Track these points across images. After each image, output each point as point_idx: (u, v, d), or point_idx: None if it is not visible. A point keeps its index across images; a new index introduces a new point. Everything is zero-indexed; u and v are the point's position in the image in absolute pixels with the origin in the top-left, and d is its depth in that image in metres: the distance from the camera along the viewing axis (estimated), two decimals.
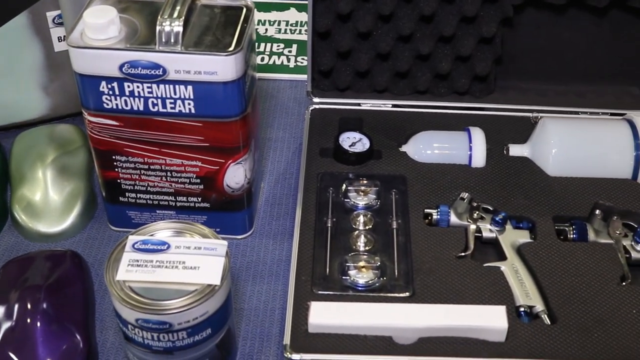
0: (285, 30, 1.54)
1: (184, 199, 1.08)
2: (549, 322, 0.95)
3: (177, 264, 0.85)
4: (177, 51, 0.93)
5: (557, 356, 0.91)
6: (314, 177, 1.11)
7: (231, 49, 0.94)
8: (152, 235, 0.88)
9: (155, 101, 0.97)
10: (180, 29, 0.94)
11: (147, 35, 0.96)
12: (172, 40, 0.94)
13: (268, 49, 1.49)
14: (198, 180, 1.05)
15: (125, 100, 0.97)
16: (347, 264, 0.99)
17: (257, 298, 1.06)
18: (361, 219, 1.05)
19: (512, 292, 0.97)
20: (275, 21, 1.56)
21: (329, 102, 1.23)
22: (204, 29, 0.98)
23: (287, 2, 1.59)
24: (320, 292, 0.97)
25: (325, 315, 0.92)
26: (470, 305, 0.94)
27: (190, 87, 0.95)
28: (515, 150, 1.17)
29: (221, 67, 0.94)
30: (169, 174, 1.04)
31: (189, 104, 0.97)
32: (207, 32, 0.97)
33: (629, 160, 1.13)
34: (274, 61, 1.46)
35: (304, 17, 1.54)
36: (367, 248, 1.02)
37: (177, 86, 0.95)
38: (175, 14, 0.95)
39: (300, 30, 1.53)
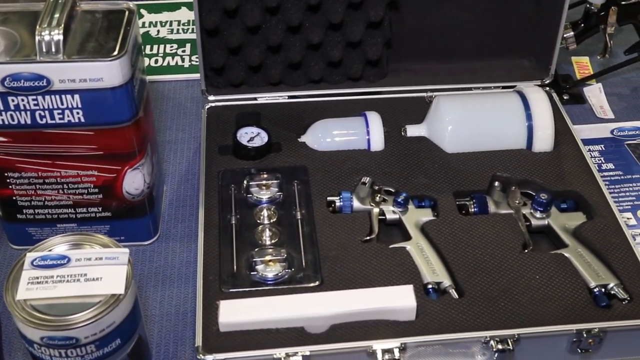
0: (178, 30, 1.52)
1: (84, 210, 1.06)
2: (456, 296, 0.96)
3: (78, 276, 0.83)
4: (59, 60, 0.92)
5: (467, 328, 0.92)
6: (214, 175, 1.10)
7: (115, 53, 0.93)
8: (50, 250, 0.87)
9: (42, 113, 0.95)
10: (61, 37, 0.92)
11: (28, 46, 0.94)
12: (53, 50, 0.92)
13: (161, 50, 1.47)
14: (96, 190, 1.03)
15: (12, 115, 0.95)
16: (254, 259, 0.98)
17: (167, 303, 1.05)
18: (265, 212, 1.05)
19: (419, 271, 0.99)
20: (166, 22, 1.54)
21: (225, 99, 1.22)
22: (86, 36, 0.96)
23: (177, 2, 1.58)
24: (229, 290, 0.96)
25: (235, 313, 0.91)
26: (379, 287, 0.95)
27: (77, 96, 0.94)
28: (413, 130, 1.18)
29: (107, 72, 0.92)
30: (65, 186, 1.02)
31: (78, 113, 0.95)
32: (89, 38, 0.96)
33: (522, 130, 1.16)
34: (168, 62, 1.44)
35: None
36: (273, 241, 1.01)
37: (63, 96, 0.93)
38: (54, 23, 0.93)
39: (192, 29, 1.51)
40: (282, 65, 1.22)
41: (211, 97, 1.22)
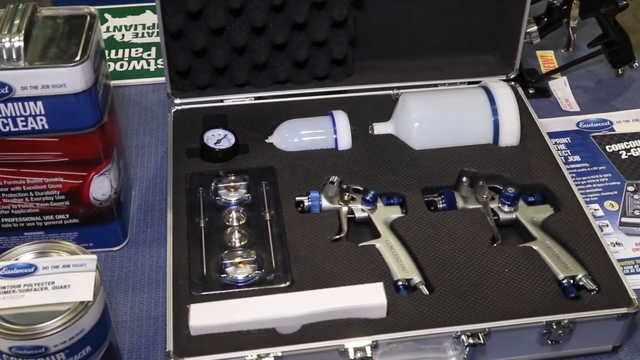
0: (143, 33, 1.51)
1: (51, 217, 1.05)
2: (427, 292, 0.97)
3: (46, 285, 0.83)
4: (20, 67, 0.91)
5: (437, 324, 0.93)
6: (182, 179, 1.10)
7: (77, 59, 0.92)
8: (16, 259, 0.86)
9: (5, 121, 0.94)
10: (21, 43, 0.91)
11: None
12: (14, 57, 0.91)
13: (127, 54, 1.46)
14: (63, 197, 1.02)
15: None
16: (224, 262, 0.98)
17: (138, 308, 1.04)
18: (234, 214, 1.05)
19: (389, 268, 0.99)
20: (131, 26, 1.53)
21: (191, 102, 1.22)
22: (47, 42, 0.95)
23: (141, 6, 1.57)
24: (199, 293, 0.96)
25: (206, 316, 0.91)
26: (349, 286, 0.95)
27: (40, 103, 0.93)
28: (380, 128, 1.18)
29: (69, 78, 0.92)
30: (31, 194, 1.01)
31: (42, 119, 0.94)
32: (51, 44, 0.95)
33: (488, 125, 1.16)
34: (134, 66, 1.43)
35: None
36: (242, 243, 1.01)
37: (26, 103, 0.93)
38: (15, 29, 0.92)
39: (157, 32, 1.50)
40: (248, 67, 1.22)
41: (177, 101, 1.21)
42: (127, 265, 1.09)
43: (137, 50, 1.47)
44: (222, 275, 0.98)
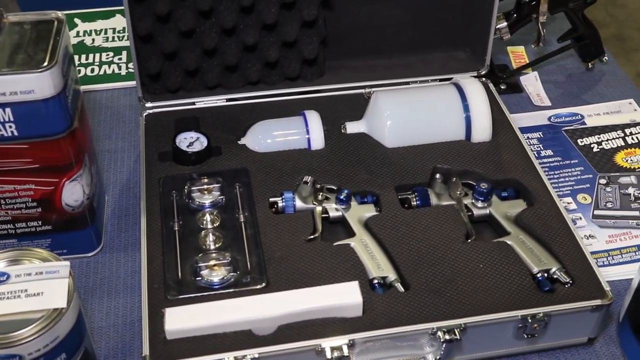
0: (113, 37, 1.51)
1: (24, 224, 1.04)
2: (402, 290, 0.97)
3: (19, 293, 0.82)
4: None
5: (413, 321, 0.93)
6: (155, 182, 1.09)
7: (45, 64, 0.91)
8: None
9: None
10: None
11: None
12: None
13: (97, 59, 1.45)
14: (35, 204, 1.02)
15: None
16: (199, 265, 0.98)
17: (114, 313, 1.04)
18: (207, 217, 1.04)
19: (364, 266, 0.99)
20: (101, 30, 1.52)
21: (163, 105, 1.21)
22: (14, 48, 0.94)
23: (111, 10, 1.56)
24: (175, 297, 0.95)
25: (181, 319, 0.91)
26: (325, 285, 0.95)
27: (8, 110, 0.92)
28: (352, 127, 1.18)
29: (37, 84, 0.91)
30: (2, 201, 1.01)
31: (10, 126, 0.93)
32: (18, 50, 0.94)
33: (460, 122, 1.17)
34: (105, 71, 1.43)
35: None
36: (217, 246, 1.01)
37: None
38: None
39: (127, 36, 1.49)
40: (219, 69, 1.21)
41: (148, 104, 1.21)
42: (102, 270, 1.09)
43: (107, 55, 1.46)
44: (197, 279, 0.97)
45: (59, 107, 0.94)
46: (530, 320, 0.94)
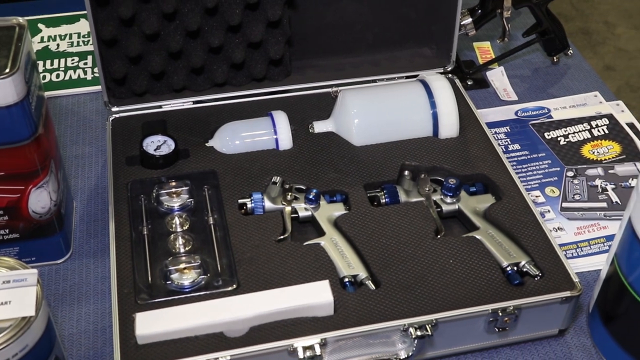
0: (78, 42, 1.49)
1: None
2: (373, 287, 0.97)
3: None
4: None
5: (385, 318, 0.93)
6: (123, 187, 1.09)
7: (7, 71, 0.90)
8: None
9: None
10: None
11: None
12: None
13: (62, 64, 1.44)
14: (1, 212, 1.01)
15: None
16: (169, 269, 0.97)
17: (85, 320, 1.03)
18: (177, 220, 1.04)
19: (335, 265, 0.99)
20: (66, 35, 1.51)
21: (129, 109, 1.21)
22: None
23: (75, 14, 1.55)
24: (145, 302, 0.95)
25: (152, 324, 0.90)
26: (295, 285, 0.95)
27: None
28: (320, 126, 1.18)
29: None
30: None
31: None
32: None
33: (427, 118, 1.17)
34: (70, 76, 1.41)
35: None
36: (186, 249, 1.01)
37: None
38: None
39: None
40: (185, 71, 1.21)
41: (115, 108, 1.20)
42: (71, 277, 1.08)
43: (73, 60, 1.45)
44: (168, 282, 0.97)
45: (22, 114, 0.93)
46: (500, 314, 0.94)
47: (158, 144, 1.12)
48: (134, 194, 1.08)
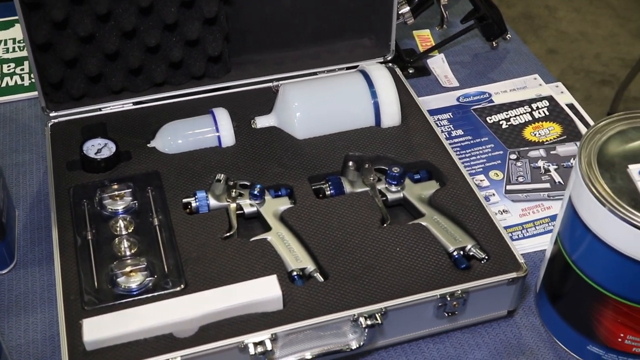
0: (14, 48, 1.47)
1: None
2: (322, 279, 0.97)
3: None
4: None
5: (334, 309, 0.93)
6: (65, 192, 1.07)
7: None
8: None
9: None
10: None
11: None
12: None
13: None
14: None
15: None
16: (115, 272, 0.96)
17: (32, 330, 1.01)
18: (121, 223, 1.03)
19: (283, 259, 0.99)
20: (0, 41, 1.48)
21: (68, 114, 1.19)
22: None
23: (9, 19, 1.52)
24: (93, 307, 0.93)
25: (99, 329, 0.89)
26: (243, 282, 0.95)
27: None
28: (262, 121, 1.18)
29: None
30: None
31: None
32: None
33: (369, 108, 1.17)
34: (7, 83, 1.39)
35: None
36: (132, 251, 0.99)
37: None
38: None
39: None
40: (123, 72, 1.19)
41: (53, 114, 1.18)
42: (16, 287, 1.06)
43: (9, 66, 1.42)
44: (115, 286, 0.96)
45: None
46: (449, 299, 0.95)
47: (99, 147, 1.11)
48: (77, 199, 1.06)
